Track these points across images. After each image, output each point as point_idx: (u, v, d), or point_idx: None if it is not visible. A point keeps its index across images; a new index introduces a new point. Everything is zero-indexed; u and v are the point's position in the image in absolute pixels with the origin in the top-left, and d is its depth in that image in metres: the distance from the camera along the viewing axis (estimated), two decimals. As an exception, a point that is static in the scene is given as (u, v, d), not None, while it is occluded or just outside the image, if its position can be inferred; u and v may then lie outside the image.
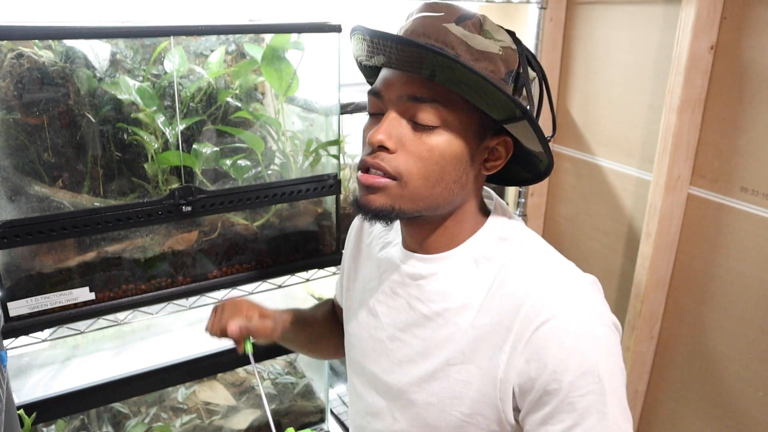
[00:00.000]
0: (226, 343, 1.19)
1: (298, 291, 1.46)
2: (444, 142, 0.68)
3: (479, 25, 0.70)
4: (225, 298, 1.14)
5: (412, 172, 0.68)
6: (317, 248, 1.21)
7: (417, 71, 0.65)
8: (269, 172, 1.14)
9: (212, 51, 1.05)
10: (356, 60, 0.79)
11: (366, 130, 0.74)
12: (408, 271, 0.78)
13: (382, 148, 0.68)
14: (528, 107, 0.69)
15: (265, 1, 1.25)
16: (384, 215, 0.70)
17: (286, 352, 1.35)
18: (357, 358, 0.89)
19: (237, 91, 1.08)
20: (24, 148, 0.91)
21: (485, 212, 0.79)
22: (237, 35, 1.08)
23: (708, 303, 1.32)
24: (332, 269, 1.29)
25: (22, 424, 0.95)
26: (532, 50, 1.50)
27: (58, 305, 0.97)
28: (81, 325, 1.01)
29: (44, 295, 0.95)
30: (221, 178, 1.08)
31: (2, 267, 0.92)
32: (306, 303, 1.42)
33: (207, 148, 1.04)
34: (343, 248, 1.24)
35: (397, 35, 0.66)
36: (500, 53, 0.68)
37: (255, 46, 1.08)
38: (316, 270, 1.24)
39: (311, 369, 1.45)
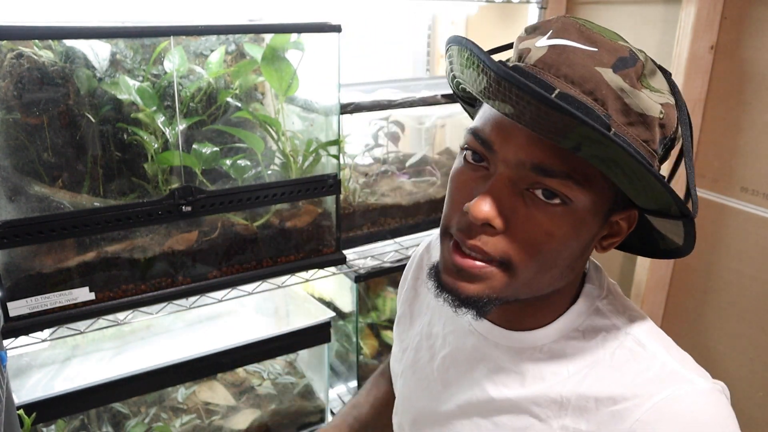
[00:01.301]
0: (226, 343, 1.19)
1: (298, 291, 1.46)
2: (567, 224, 0.52)
3: (641, 72, 0.52)
4: (225, 298, 1.14)
5: (524, 260, 0.53)
6: (317, 248, 1.21)
7: (558, 140, 0.47)
8: (269, 172, 1.14)
9: (212, 51, 1.05)
10: (454, 81, 0.61)
11: (459, 180, 0.57)
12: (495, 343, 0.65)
13: (487, 225, 0.53)
14: (689, 206, 0.54)
15: (265, 1, 1.25)
16: (480, 306, 0.55)
17: (286, 351, 1.35)
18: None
19: (237, 91, 1.08)
20: (24, 148, 0.91)
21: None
22: (237, 35, 1.08)
23: (708, 303, 1.32)
24: (332, 269, 1.29)
25: (21, 424, 0.95)
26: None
27: (57, 305, 0.97)
28: (81, 325, 1.01)
29: (44, 295, 0.95)
30: (221, 178, 1.08)
31: (2, 267, 0.92)
32: (306, 303, 1.42)
33: (207, 148, 1.04)
34: (343, 248, 1.25)
35: (540, 93, 0.45)
36: (661, 116, 0.52)
37: (255, 46, 1.08)
38: (316, 270, 1.24)
39: (311, 369, 1.45)
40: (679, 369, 0.57)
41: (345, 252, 1.25)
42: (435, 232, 0.75)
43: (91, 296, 0.99)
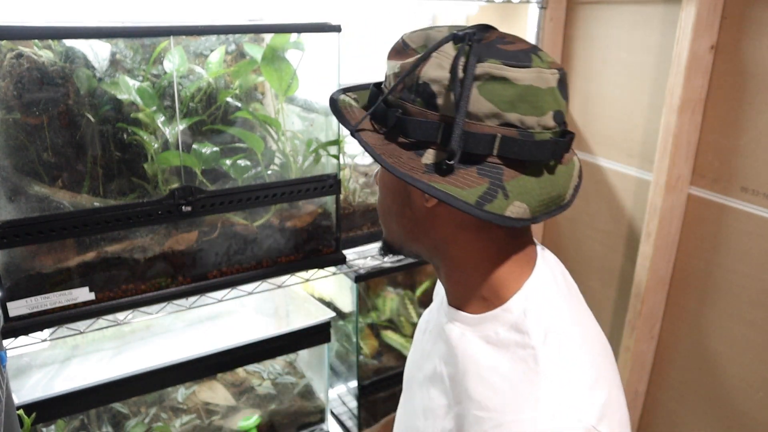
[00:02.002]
0: (226, 344, 1.19)
1: (298, 291, 1.46)
2: (382, 171, 0.68)
3: (402, 48, 0.64)
4: (225, 298, 1.14)
5: (378, 204, 0.71)
6: (317, 248, 1.21)
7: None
8: (269, 172, 1.14)
9: (212, 51, 1.05)
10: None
11: None
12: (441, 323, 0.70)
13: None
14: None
15: (265, 1, 1.25)
16: (382, 247, 0.72)
17: (286, 351, 1.35)
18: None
19: (237, 91, 1.08)
20: (24, 148, 0.91)
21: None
22: (237, 35, 1.08)
23: (708, 303, 1.32)
24: (332, 269, 1.29)
25: (21, 424, 0.95)
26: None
27: (57, 305, 0.97)
28: (81, 325, 1.01)
29: (44, 295, 0.95)
30: (221, 178, 1.08)
31: (2, 267, 0.92)
32: (306, 303, 1.42)
33: (207, 148, 1.04)
34: (343, 248, 1.25)
35: (331, 97, 0.71)
36: (397, 71, 0.61)
37: (255, 46, 1.08)
38: (316, 270, 1.24)
39: (311, 369, 1.45)
40: (550, 399, 0.57)
41: (345, 252, 1.25)
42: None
43: (91, 296, 0.99)
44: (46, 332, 0.99)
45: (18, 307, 0.93)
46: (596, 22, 1.46)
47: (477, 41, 0.58)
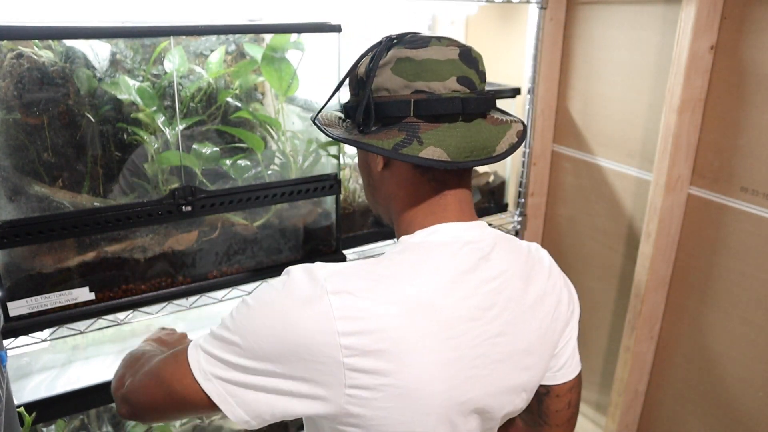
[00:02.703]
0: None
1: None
2: (358, 158, 0.83)
3: (364, 59, 0.78)
4: (225, 298, 1.14)
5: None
6: (317, 248, 1.21)
7: None
8: (269, 172, 1.14)
9: (212, 51, 1.05)
10: None
11: None
12: None
13: None
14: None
15: (265, 1, 1.25)
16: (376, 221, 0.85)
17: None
18: None
19: (237, 91, 1.08)
20: (24, 148, 0.91)
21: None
22: (237, 35, 1.08)
23: (708, 303, 1.32)
24: (332, 269, 1.28)
25: (22, 423, 0.95)
26: (532, 50, 1.50)
27: (57, 305, 0.97)
28: (81, 325, 1.01)
29: (44, 295, 0.95)
30: (221, 178, 1.08)
31: (2, 267, 0.92)
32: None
33: (207, 148, 1.04)
34: (343, 248, 1.25)
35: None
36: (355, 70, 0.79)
37: (255, 46, 1.08)
38: (316, 270, 1.24)
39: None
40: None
41: (345, 252, 1.25)
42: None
43: (91, 296, 0.99)
44: (46, 332, 0.99)
45: (18, 307, 0.93)
46: (596, 22, 1.46)
47: (392, 40, 0.74)
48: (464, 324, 0.67)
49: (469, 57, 0.73)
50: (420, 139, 0.70)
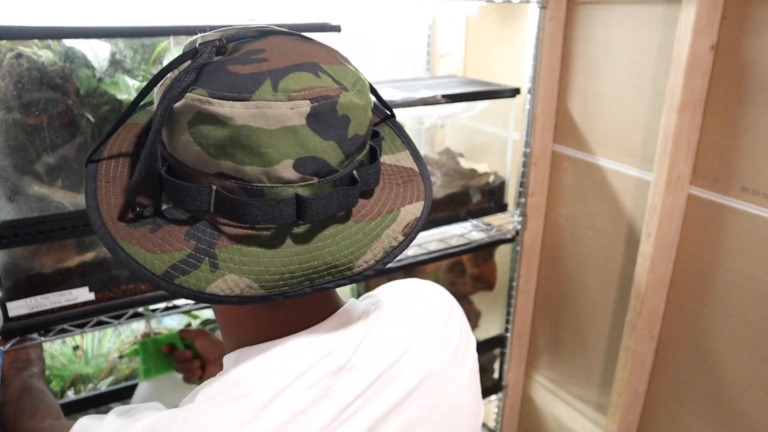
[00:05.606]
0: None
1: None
2: None
3: None
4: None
5: None
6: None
7: None
8: (269, 172, 1.14)
9: (212, 51, 1.05)
10: None
11: None
12: None
13: None
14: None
15: (265, 1, 1.25)
16: None
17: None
18: None
19: (237, 91, 1.08)
20: (24, 148, 0.91)
21: None
22: (237, 35, 1.07)
23: (708, 303, 1.32)
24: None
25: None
26: (532, 50, 1.50)
27: (57, 305, 0.97)
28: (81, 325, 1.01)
29: (43, 296, 0.95)
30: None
31: (2, 267, 0.92)
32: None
33: (207, 148, 1.04)
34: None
35: None
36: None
37: (255, 46, 1.07)
38: (316, 270, 1.24)
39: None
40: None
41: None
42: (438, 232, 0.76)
43: (91, 296, 0.99)
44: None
45: (18, 307, 0.93)
46: (596, 22, 1.46)
47: (199, 54, 0.45)
48: None
49: (329, 117, 0.45)
50: (214, 261, 0.44)
